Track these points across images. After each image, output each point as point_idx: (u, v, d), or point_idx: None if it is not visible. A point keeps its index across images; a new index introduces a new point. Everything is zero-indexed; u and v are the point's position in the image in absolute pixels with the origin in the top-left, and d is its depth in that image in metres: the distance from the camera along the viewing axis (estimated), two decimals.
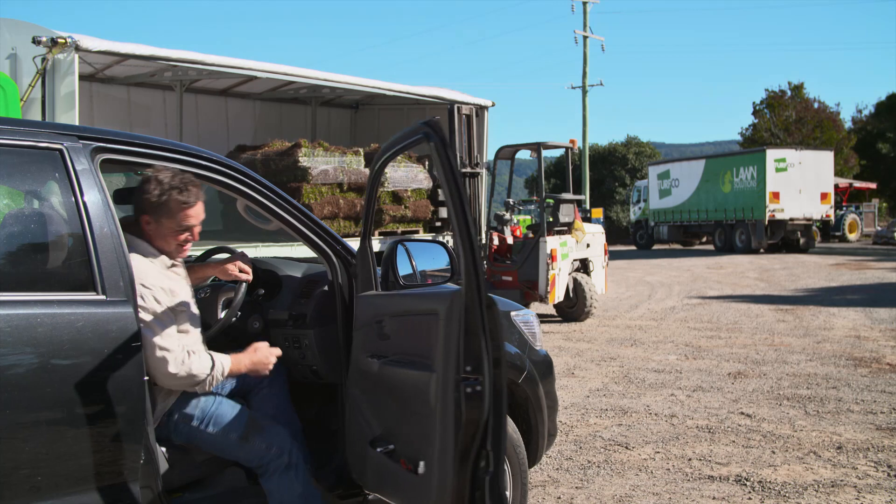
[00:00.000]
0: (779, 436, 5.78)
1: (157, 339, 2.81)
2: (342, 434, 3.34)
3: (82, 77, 9.17)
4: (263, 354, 3.07)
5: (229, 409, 3.07)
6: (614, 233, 38.45)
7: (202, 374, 2.89)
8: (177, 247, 3.01)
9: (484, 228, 12.73)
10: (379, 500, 3.31)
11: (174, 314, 2.91)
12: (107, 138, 2.85)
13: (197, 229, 3.04)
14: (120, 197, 3.92)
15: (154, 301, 2.84)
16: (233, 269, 3.34)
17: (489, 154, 13.24)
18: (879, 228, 35.45)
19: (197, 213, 3.00)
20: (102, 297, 2.61)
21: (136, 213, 2.99)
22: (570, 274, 11.83)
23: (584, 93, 35.14)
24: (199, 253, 3.87)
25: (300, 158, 10.62)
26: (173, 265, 3.06)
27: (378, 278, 3.32)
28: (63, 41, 7.88)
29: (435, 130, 2.68)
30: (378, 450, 3.06)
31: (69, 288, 2.65)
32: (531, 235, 12.14)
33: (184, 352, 2.86)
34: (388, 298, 3.18)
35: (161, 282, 2.91)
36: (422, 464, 2.78)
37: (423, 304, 2.91)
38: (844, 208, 35.79)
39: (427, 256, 3.41)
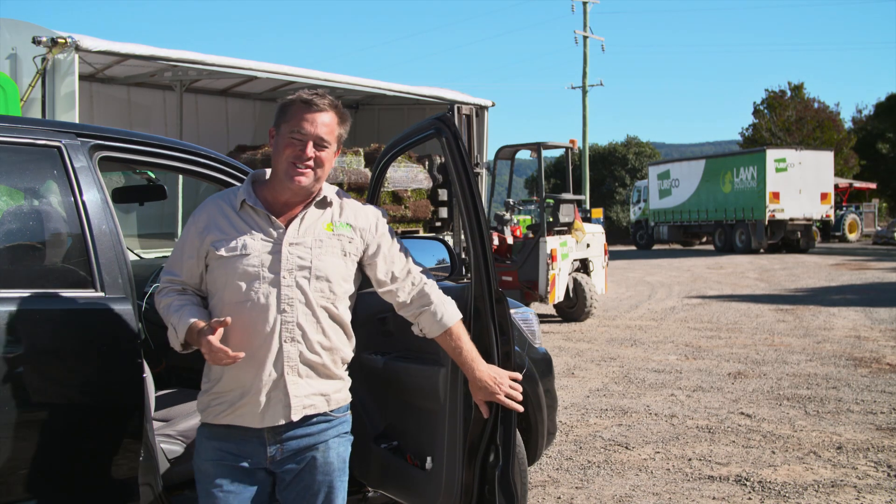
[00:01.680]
0: (779, 436, 5.77)
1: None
2: None
3: (82, 77, 9.16)
4: (215, 346, 2.20)
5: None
6: (614, 233, 38.46)
7: (157, 295, 2.43)
8: (287, 163, 2.35)
9: None
10: (380, 498, 3.31)
11: (191, 250, 2.40)
12: (105, 136, 2.85)
13: (315, 152, 2.35)
14: (119, 195, 3.93)
15: (185, 233, 2.43)
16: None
17: (489, 154, 13.25)
18: (879, 228, 35.46)
19: (316, 122, 2.34)
20: (101, 294, 2.61)
21: None
22: (570, 274, 11.83)
23: (584, 93, 35.15)
24: None
25: None
26: (259, 209, 2.38)
27: None
28: (63, 41, 7.88)
29: (447, 125, 2.68)
30: (382, 446, 3.06)
31: (68, 285, 2.65)
32: (531, 235, 12.14)
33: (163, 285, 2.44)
34: None
35: (205, 217, 2.41)
36: (429, 459, 2.77)
37: None
38: (844, 208, 35.80)
39: (427, 254, 3.38)
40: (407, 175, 11.95)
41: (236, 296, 2.33)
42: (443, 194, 12.52)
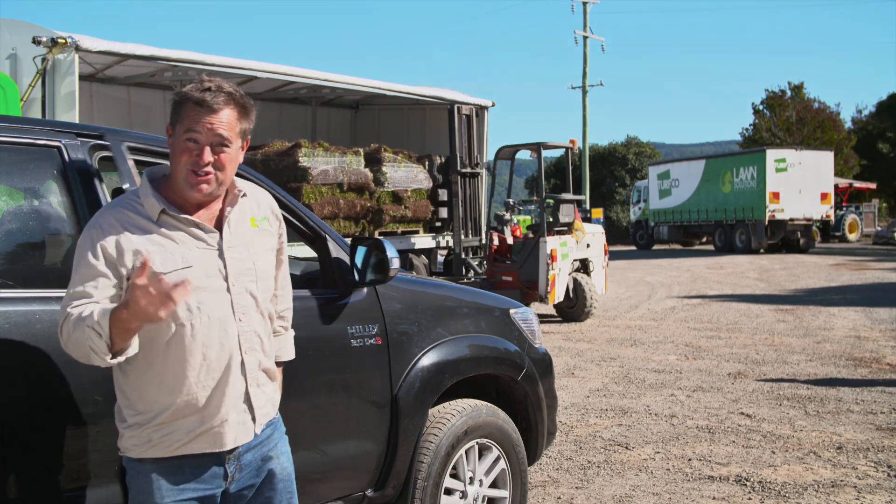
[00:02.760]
0: (779, 436, 5.77)
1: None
2: None
3: (82, 77, 9.17)
4: (151, 294, 1.89)
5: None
6: (614, 233, 38.45)
7: (61, 327, 2.06)
8: (185, 170, 2.13)
9: (484, 228, 12.74)
10: (380, 498, 3.31)
11: (105, 273, 2.08)
12: (104, 136, 2.85)
13: (214, 156, 2.13)
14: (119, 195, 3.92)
15: (88, 249, 2.09)
16: None
17: (489, 154, 13.26)
18: (879, 228, 35.45)
19: (213, 124, 2.11)
20: None
21: None
22: (570, 274, 11.83)
23: (584, 93, 35.16)
24: None
25: (300, 158, 10.62)
26: (174, 220, 2.15)
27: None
28: (63, 41, 7.89)
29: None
30: None
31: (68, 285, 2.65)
32: (531, 235, 12.14)
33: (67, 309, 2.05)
34: None
35: (115, 232, 2.10)
36: None
37: None
38: (844, 208, 35.79)
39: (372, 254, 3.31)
40: (407, 175, 11.95)
41: (183, 312, 2.09)
42: (443, 194, 12.52)
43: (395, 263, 3.13)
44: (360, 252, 3.18)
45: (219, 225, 2.21)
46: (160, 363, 2.11)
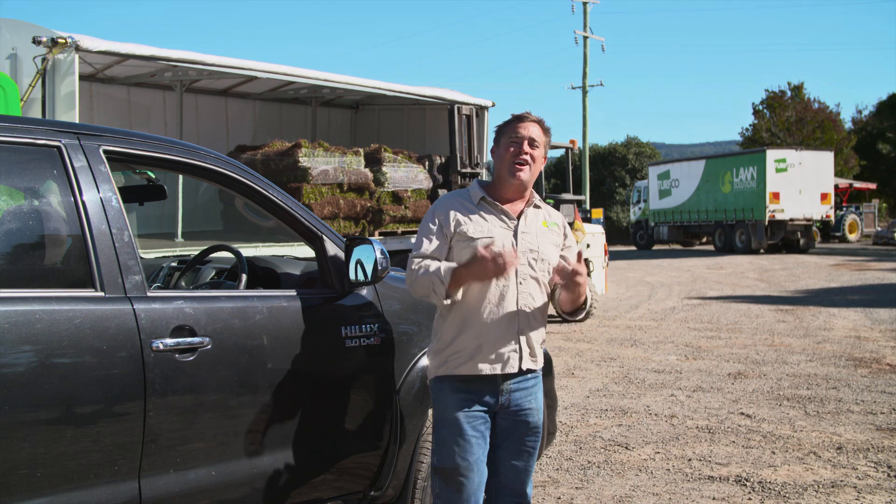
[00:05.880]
0: (779, 436, 5.77)
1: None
2: None
3: (82, 77, 9.16)
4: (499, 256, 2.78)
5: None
6: (614, 233, 38.44)
7: (410, 273, 2.89)
8: (509, 162, 2.97)
9: None
10: (381, 498, 3.31)
11: (439, 234, 2.93)
12: (105, 136, 2.85)
13: (527, 147, 2.97)
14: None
15: (429, 218, 2.99)
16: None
17: (489, 154, 13.23)
18: (879, 229, 35.45)
19: (527, 127, 2.99)
20: (101, 293, 2.61)
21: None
22: None
23: (584, 93, 35.15)
24: (196, 252, 3.88)
25: (300, 158, 10.61)
26: (495, 205, 2.99)
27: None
28: (63, 41, 7.87)
29: None
30: None
31: (68, 284, 2.65)
32: None
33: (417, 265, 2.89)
34: None
35: (449, 209, 2.97)
36: None
37: None
38: (844, 209, 35.79)
39: (363, 256, 3.31)
40: (407, 175, 11.94)
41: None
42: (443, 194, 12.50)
43: (384, 264, 3.17)
44: (356, 252, 3.21)
45: (518, 218, 2.99)
46: (463, 307, 2.88)
